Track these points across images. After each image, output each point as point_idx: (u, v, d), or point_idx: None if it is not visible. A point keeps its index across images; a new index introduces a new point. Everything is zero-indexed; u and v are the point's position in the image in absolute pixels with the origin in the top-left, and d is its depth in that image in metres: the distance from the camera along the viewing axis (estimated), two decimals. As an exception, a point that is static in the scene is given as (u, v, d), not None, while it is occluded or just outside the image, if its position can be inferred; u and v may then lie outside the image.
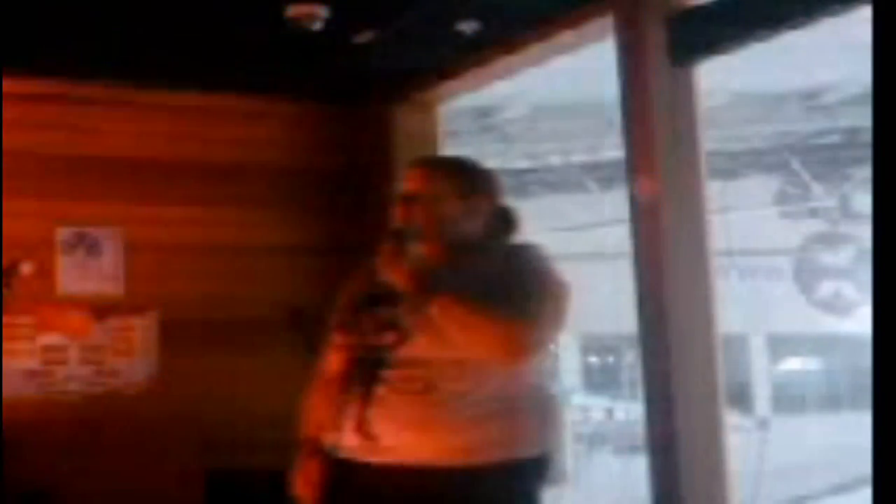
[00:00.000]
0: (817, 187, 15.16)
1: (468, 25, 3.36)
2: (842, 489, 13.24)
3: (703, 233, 3.02)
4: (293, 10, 3.20)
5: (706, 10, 2.98)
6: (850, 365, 15.48)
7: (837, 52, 8.47)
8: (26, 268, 3.56)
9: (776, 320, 15.24)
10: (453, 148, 5.35)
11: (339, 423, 2.42)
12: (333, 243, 4.09)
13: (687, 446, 2.90)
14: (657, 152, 2.98)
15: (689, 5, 3.04)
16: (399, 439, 2.33)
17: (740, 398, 14.48)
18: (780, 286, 15.77)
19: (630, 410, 13.11)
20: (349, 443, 2.40)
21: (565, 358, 15.70)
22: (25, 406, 3.69)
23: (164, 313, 3.93)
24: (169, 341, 3.93)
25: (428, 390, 2.33)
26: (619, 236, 3.66)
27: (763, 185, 15.29)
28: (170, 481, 3.78)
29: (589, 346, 16.34)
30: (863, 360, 11.24)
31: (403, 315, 2.36)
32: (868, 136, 4.20)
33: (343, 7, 3.20)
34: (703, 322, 2.97)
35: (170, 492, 3.77)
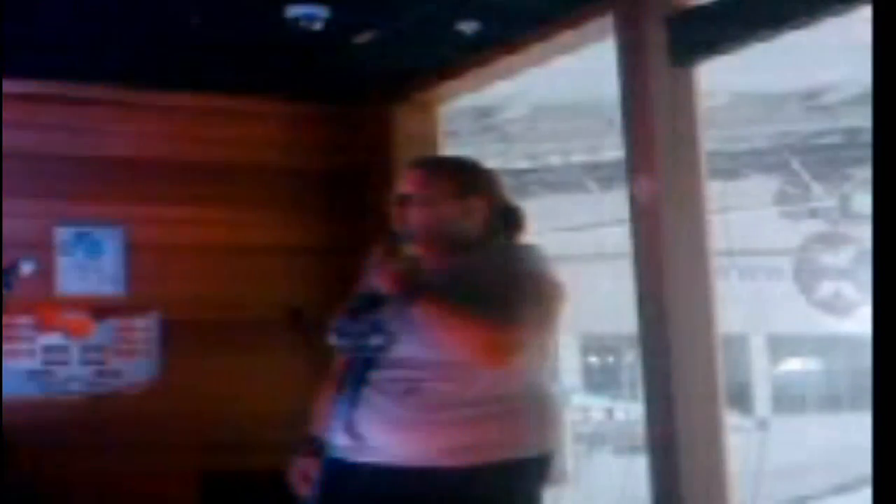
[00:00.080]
0: (817, 187, 15.16)
1: (468, 25, 3.36)
2: (842, 489, 13.25)
3: (703, 233, 3.02)
4: (293, 10, 3.20)
5: (706, 10, 2.98)
6: (850, 365, 15.48)
7: (838, 52, 8.47)
8: (26, 268, 3.55)
9: (776, 320, 15.23)
10: (454, 148, 5.36)
11: (332, 423, 2.44)
12: (333, 244, 4.09)
13: (687, 446, 2.90)
14: (657, 152, 2.98)
15: (690, 5, 3.04)
16: (384, 440, 2.34)
17: (740, 398, 14.47)
18: (780, 286, 15.76)
19: (630, 410, 13.11)
20: (340, 443, 2.42)
21: (565, 358, 15.68)
22: (26, 406, 3.69)
23: (165, 313, 3.93)
24: (169, 341, 3.93)
25: (412, 392, 2.34)
26: (619, 236, 3.66)
27: (763, 185, 15.29)
28: (170, 481, 3.77)
29: (589, 346, 16.33)
30: (863, 361, 11.24)
31: (389, 317, 2.38)
32: (868, 137, 4.20)
33: (343, 7, 3.20)
34: (703, 322, 2.97)
35: (170, 492, 3.77)
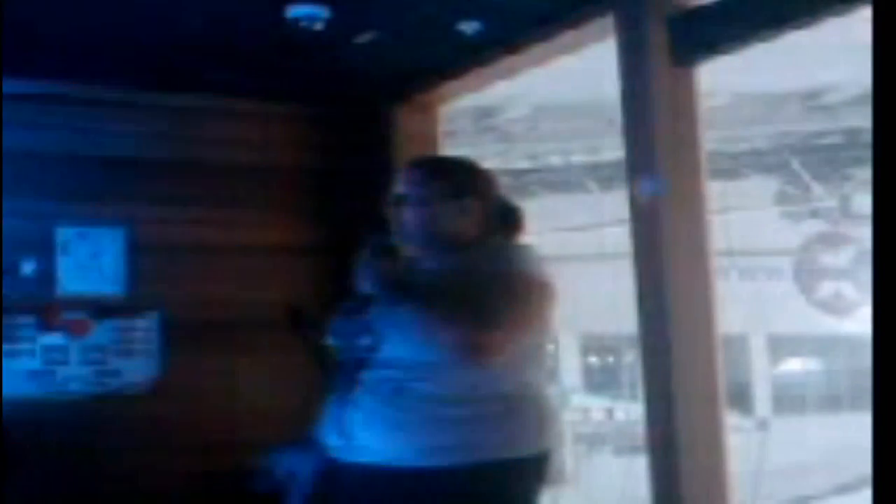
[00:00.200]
0: (818, 188, 15.17)
1: (469, 26, 3.36)
2: (842, 489, 13.26)
3: (703, 233, 3.01)
4: (293, 11, 3.20)
5: (707, 10, 2.98)
6: (850, 365, 15.49)
7: (838, 52, 8.47)
8: (26, 268, 3.56)
9: (776, 320, 15.26)
10: (454, 148, 5.35)
11: (324, 423, 2.47)
12: (333, 244, 4.08)
13: (687, 446, 2.90)
14: (657, 152, 2.98)
15: (691, 5, 3.03)
16: (373, 440, 2.36)
17: (740, 398, 14.49)
18: (780, 286, 15.78)
19: (630, 410, 13.12)
20: (331, 443, 2.44)
21: (565, 358, 15.71)
22: (26, 406, 3.69)
23: (165, 313, 3.93)
24: (169, 341, 3.93)
25: (400, 392, 2.35)
26: (619, 236, 3.66)
27: (763, 185, 15.31)
28: (170, 481, 3.77)
29: (589, 346, 16.36)
30: (863, 361, 11.24)
31: (377, 318, 2.39)
32: (868, 137, 4.19)
33: (343, 7, 3.20)
34: (703, 322, 2.97)
35: (170, 492, 3.77)
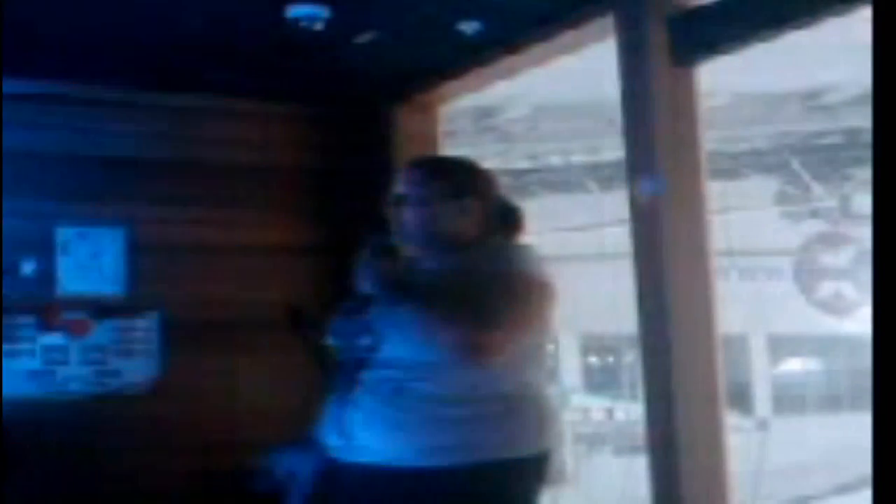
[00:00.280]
0: (818, 188, 15.17)
1: (469, 26, 3.36)
2: (842, 489, 13.26)
3: (703, 233, 3.01)
4: (293, 11, 3.20)
5: (708, 10, 2.98)
6: (850, 365, 15.49)
7: (838, 52, 8.48)
8: (26, 268, 3.56)
9: (776, 320, 15.26)
10: (454, 148, 5.35)
11: (324, 423, 2.47)
12: (333, 244, 4.08)
13: (687, 446, 2.90)
14: (657, 152, 2.98)
15: (691, 5, 3.03)
16: (372, 440, 2.36)
17: (740, 398, 14.48)
18: (780, 286, 15.79)
19: (630, 410, 13.12)
20: (331, 443, 2.44)
21: (565, 358, 15.70)
22: (26, 406, 3.69)
23: (165, 313, 3.93)
24: (169, 341, 3.92)
25: (398, 392, 2.36)
26: (619, 236, 3.66)
27: (763, 185, 15.31)
28: (170, 481, 3.77)
29: (589, 346, 16.36)
30: (863, 361, 11.24)
31: (377, 318, 2.39)
32: (868, 137, 4.20)
33: (343, 7, 3.20)
34: (703, 322, 2.97)
35: (170, 492, 3.77)
